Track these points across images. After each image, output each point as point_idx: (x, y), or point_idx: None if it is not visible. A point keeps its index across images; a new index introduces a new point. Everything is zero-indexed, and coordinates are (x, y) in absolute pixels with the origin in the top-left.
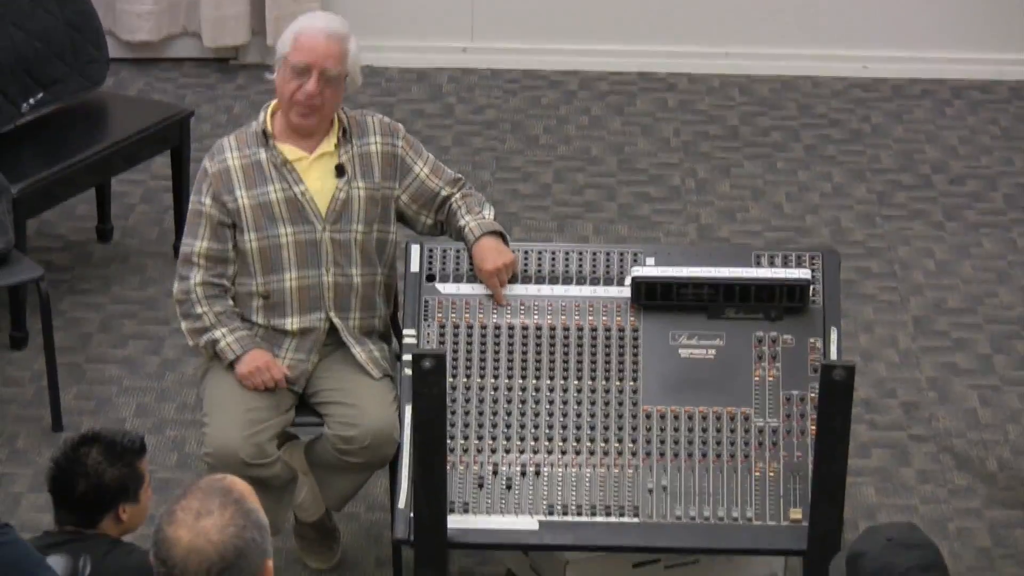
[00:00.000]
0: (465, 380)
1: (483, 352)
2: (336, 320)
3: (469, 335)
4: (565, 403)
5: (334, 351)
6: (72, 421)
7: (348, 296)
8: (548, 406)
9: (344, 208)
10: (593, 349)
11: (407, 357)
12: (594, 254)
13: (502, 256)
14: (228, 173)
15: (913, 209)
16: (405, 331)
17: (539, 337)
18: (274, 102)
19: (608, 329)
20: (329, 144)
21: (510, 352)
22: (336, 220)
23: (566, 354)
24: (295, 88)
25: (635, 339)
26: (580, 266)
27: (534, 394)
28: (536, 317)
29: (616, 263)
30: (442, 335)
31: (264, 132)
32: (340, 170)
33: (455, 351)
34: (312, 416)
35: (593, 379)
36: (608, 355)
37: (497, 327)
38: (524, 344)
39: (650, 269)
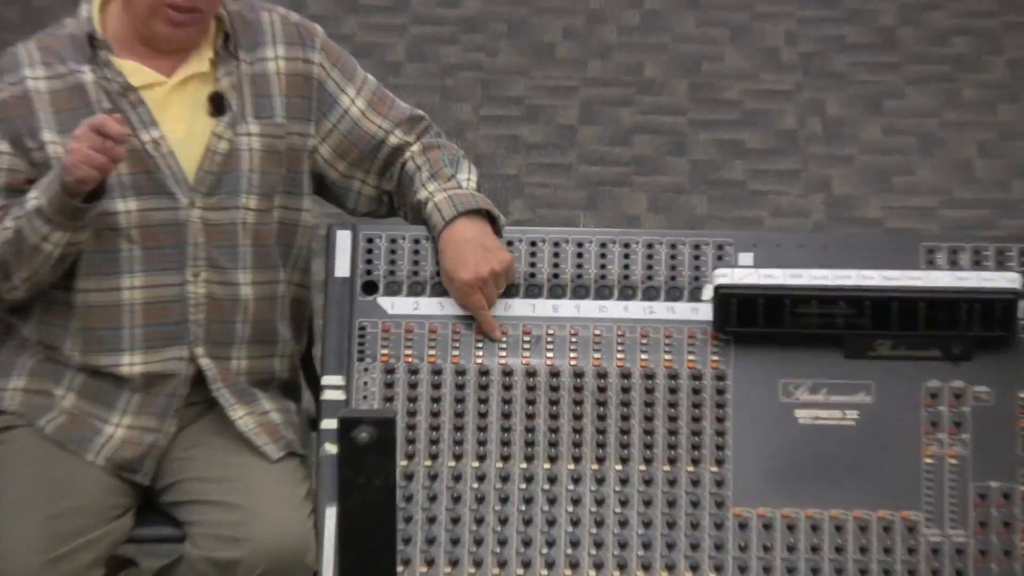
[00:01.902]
0: (429, 463)
1: (460, 415)
2: (206, 362)
3: (436, 386)
4: (600, 503)
5: (203, 414)
6: None
7: (231, 319)
8: (571, 508)
9: (226, 168)
10: (648, 410)
11: (329, 423)
12: (650, 248)
13: (490, 256)
14: (28, 101)
15: None
16: (326, 379)
17: (556, 390)
18: None
19: (674, 376)
20: (201, 61)
21: (506, 415)
22: (212, 189)
23: (602, 419)
24: None
25: (720, 392)
26: (626, 268)
27: (546, 487)
28: (551, 357)
29: (688, 263)
30: (390, 386)
31: (92, 38)
32: (218, 104)
33: (412, 414)
34: (166, 525)
35: (648, 462)
36: (675, 421)
37: (484, 373)
38: (530, 402)
39: (746, 273)
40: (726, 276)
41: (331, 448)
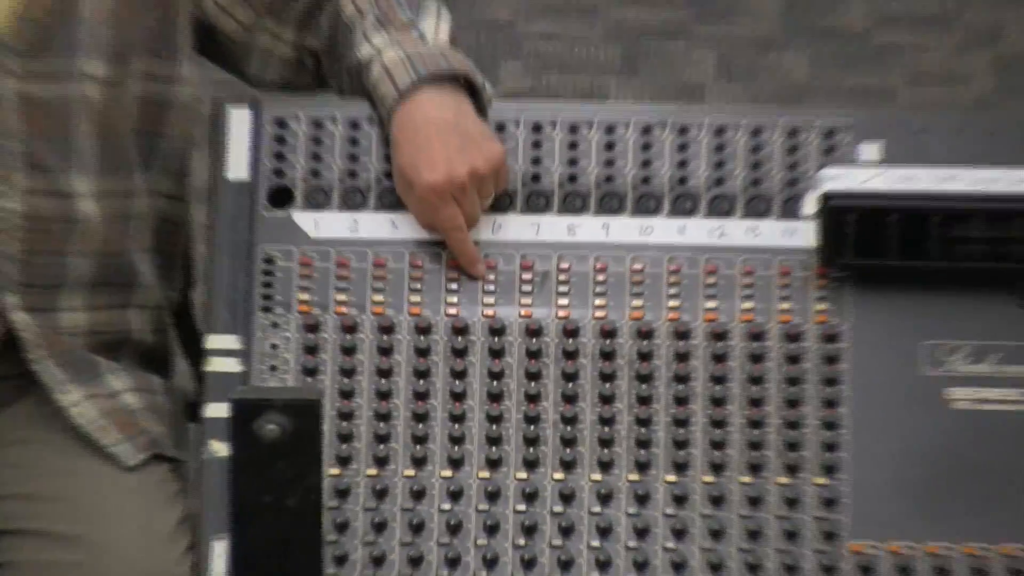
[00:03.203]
0: (374, 472)
1: (423, 397)
2: (21, 317)
3: (386, 352)
4: (642, 534)
5: (19, 398)
6: None
7: (61, 250)
8: (596, 542)
9: (57, 16)
10: (718, 389)
11: (217, 410)
12: (720, 134)
13: (470, 148)
14: None
15: None
16: (212, 341)
17: (572, 358)
18: None
19: (758, 336)
20: None
21: (494, 398)
22: (36, 48)
23: (644, 403)
24: None
25: (830, 361)
26: (682, 167)
27: (558, 510)
28: (565, 306)
29: (779, 159)
30: (312, 351)
31: None
32: None
33: (348, 394)
34: None
35: (718, 470)
36: (759, 405)
37: (461, 331)
38: (532, 378)
39: (871, 175)
40: (840, 179)
41: (219, 448)
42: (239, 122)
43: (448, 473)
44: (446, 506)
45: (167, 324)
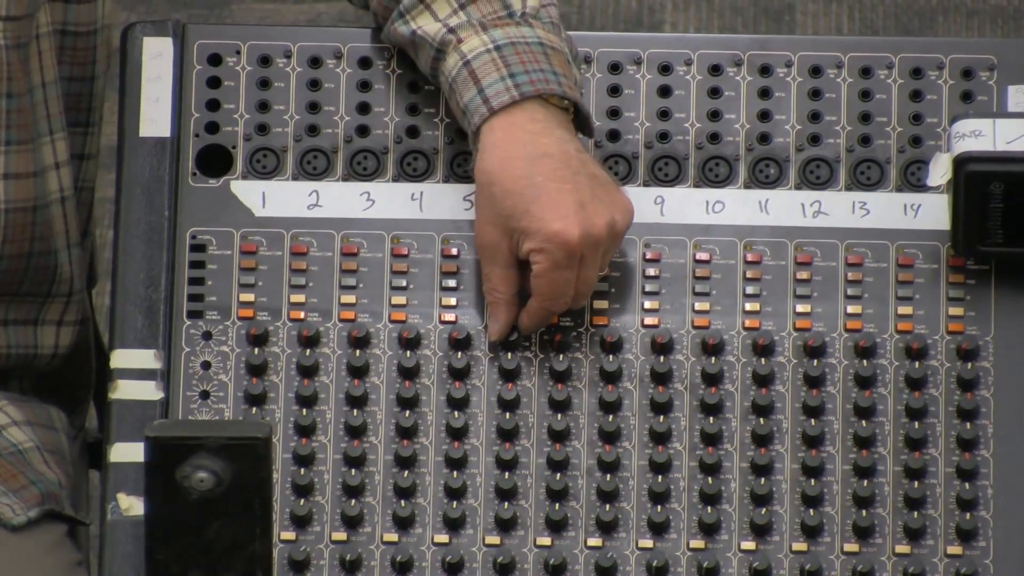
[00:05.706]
0: (341, 538)
1: (410, 435)
2: None
3: (358, 373)
4: None
5: None
6: None
7: None
8: None
9: None
10: (812, 424)
11: (124, 451)
12: (814, 74)
13: (603, 196)
14: None
15: None
16: (119, 358)
17: (613, 380)
18: None
19: (868, 350)
20: None
21: (507, 436)
22: None
23: (712, 443)
24: None
25: (967, 386)
26: (764, 119)
27: None
28: (602, 310)
29: (895, 105)
30: (258, 371)
31: None
32: None
33: (308, 431)
34: None
35: (812, 534)
36: (870, 446)
37: (461, 344)
38: (560, 408)
39: (1021, 130)
40: (981, 136)
41: (130, 505)
42: (156, 57)
43: (443, 539)
44: None
45: (88, 335)
